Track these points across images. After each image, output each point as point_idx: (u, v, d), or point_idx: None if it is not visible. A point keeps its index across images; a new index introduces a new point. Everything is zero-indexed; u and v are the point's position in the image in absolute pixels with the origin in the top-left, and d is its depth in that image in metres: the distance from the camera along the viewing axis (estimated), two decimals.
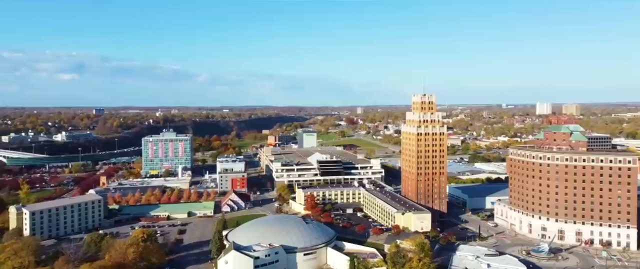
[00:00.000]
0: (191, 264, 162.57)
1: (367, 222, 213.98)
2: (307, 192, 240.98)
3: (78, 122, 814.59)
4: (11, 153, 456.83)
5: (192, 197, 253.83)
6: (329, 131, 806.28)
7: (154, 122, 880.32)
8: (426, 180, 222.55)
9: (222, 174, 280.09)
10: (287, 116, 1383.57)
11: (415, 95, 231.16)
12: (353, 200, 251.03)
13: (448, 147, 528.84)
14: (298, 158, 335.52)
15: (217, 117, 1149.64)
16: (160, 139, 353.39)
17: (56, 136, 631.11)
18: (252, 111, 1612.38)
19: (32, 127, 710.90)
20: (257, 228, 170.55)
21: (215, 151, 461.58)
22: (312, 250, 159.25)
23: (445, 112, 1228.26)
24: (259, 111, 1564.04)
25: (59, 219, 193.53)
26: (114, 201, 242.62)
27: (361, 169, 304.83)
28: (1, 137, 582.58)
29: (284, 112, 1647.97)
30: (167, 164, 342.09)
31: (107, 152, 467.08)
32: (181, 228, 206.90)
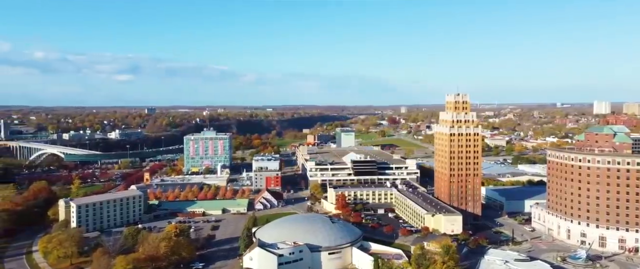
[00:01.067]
0: (221, 259, 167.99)
1: (397, 223, 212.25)
2: (338, 192, 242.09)
3: (131, 121, 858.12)
4: (69, 150, 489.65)
5: (227, 195, 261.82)
6: (370, 130, 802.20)
7: (201, 121, 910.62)
8: (459, 181, 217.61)
9: (256, 172, 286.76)
10: (329, 116, 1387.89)
11: (448, 94, 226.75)
12: (385, 200, 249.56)
13: (491, 148, 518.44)
14: (333, 157, 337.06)
15: (261, 116, 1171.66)
16: (201, 137, 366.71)
17: (110, 134, 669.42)
18: (295, 110, 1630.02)
19: (89, 126, 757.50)
20: (284, 226, 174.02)
21: (255, 149, 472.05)
22: (336, 249, 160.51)
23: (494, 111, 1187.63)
24: (301, 111, 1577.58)
25: (103, 212, 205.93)
26: (155, 196, 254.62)
27: (396, 169, 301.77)
28: (62, 135, 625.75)
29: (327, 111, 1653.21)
30: (207, 161, 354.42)
31: (153, 150, 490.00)
32: (215, 224, 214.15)
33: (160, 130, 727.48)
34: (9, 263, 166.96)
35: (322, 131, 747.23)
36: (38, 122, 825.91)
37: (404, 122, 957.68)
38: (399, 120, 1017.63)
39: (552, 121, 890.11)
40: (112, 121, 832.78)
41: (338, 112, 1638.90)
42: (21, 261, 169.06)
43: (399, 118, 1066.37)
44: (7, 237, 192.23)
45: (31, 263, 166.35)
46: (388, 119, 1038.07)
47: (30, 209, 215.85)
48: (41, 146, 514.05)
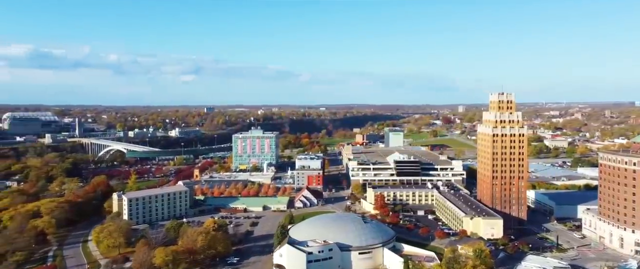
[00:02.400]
0: (256, 255, 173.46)
1: (436, 225, 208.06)
2: (377, 192, 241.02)
3: (190, 119, 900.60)
4: (131, 146, 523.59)
5: (269, 192, 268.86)
6: (422, 130, 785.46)
7: (255, 120, 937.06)
8: (503, 184, 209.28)
9: (298, 171, 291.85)
10: (383, 115, 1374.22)
11: (492, 93, 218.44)
12: (425, 202, 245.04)
13: (550, 149, 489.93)
14: (377, 157, 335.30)
15: (313, 115, 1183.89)
16: (248, 136, 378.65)
17: (171, 132, 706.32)
18: (348, 109, 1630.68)
19: (153, 124, 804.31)
20: (316, 224, 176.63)
21: (303, 148, 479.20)
22: (367, 249, 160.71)
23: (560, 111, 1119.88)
24: (354, 110, 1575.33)
25: (152, 206, 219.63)
26: (202, 192, 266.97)
27: (441, 170, 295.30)
28: (128, 133, 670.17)
29: (381, 110, 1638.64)
30: (255, 159, 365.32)
31: (206, 147, 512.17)
32: (254, 220, 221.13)
33: (217, 128, 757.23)
34: (67, 250, 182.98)
35: (372, 131, 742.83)
36: (108, 120, 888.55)
37: (459, 122, 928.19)
38: (454, 119, 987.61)
39: (626, 121, 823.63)
40: (173, 119, 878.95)
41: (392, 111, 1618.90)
42: (78, 249, 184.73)
43: (454, 118, 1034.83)
44: (68, 226, 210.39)
45: (86, 251, 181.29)
46: (442, 119, 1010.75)
47: (90, 201, 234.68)
48: (109, 143, 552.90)
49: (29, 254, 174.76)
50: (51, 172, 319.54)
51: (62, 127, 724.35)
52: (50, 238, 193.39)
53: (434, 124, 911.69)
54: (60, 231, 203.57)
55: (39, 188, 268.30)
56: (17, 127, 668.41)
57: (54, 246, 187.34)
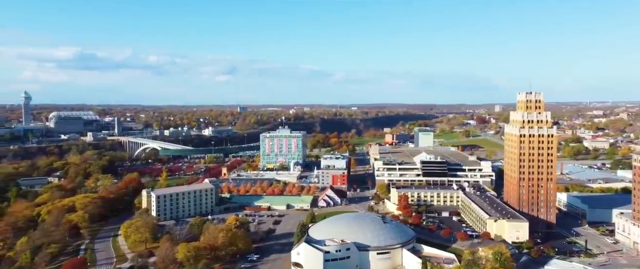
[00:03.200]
0: (276, 253, 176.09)
1: (460, 227, 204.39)
2: (401, 192, 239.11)
3: (223, 118, 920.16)
4: (165, 144, 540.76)
5: (294, 191, 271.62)
6: (454, 130, 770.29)
7: (286, 120, 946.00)
8: (530, 186, 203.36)
9: (323, 170, 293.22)
10: (416, 114, 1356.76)
11: (519, 93, 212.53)
12: (451, 203, 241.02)
13: (589, 150, 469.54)
14: (403, 157, 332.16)
15: (345, 114, 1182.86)
16: (276, 135, 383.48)
17: (204, 131, 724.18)
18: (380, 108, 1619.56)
19: (187, 123, 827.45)
20: (335, 223, 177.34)
21: (331, 147, 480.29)
22: (385, 250, 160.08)
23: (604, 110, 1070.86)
24: (387, 109, 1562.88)
25: (178, 203, 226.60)
26: (229, 190, 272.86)
27: (469, 171, 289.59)
28: (164, 131, 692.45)
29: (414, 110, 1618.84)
30: (282, 158, 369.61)
31: (236, 146, 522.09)
32: (277, 218, 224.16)
33: (248, 128, 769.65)
34: (98, 244, 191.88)
35: (403, 130, 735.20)
36: (146, 119, 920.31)
37: (494, 121, 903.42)
38: (489, 119, 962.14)
39: None
40: (207, 118, 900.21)
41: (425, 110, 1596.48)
42: (108, 243, 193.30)
43: (489, 117, 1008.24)
44: (101, 221, 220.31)
45: (115, 245, 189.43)
46: (476, 119, 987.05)
47: (122, 198, 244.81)
48: (145, 141, 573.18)
49: (63, 247, 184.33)
50: (89, 169, 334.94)
51: (103, 126, 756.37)
52: (84, 232, 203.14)
53: (468, 124, 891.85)
54: (93, 226, 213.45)
55: (76, 184, 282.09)
56: (61, 125, 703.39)
57: (87, 240, 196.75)
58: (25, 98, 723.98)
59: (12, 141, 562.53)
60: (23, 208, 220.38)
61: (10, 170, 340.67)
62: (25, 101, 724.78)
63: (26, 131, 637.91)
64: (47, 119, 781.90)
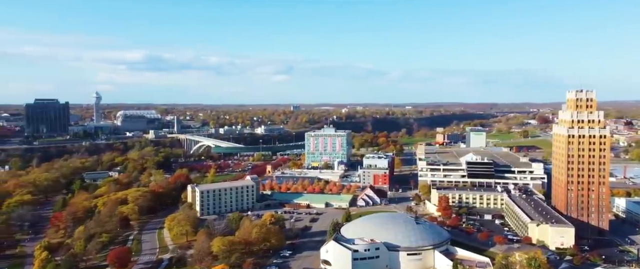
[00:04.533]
0: (309, 250, 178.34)
1: (501, 230, 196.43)
2: (441, 193, 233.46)
3: (276, 117, 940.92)
4: (218, 142, 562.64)
5: (334, 190, 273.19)
6: (512, 130, 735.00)
7: (338, 118, 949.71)
8: (579, 190, 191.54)
9: (365, 169, 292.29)
10: (473, 114, 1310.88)
11: (569, 91, 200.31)
12: (494, 206, 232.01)
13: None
14: (449, 158, 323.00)
15: (397, 114, 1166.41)
16: (320, 134, 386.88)
17: (257, 129, 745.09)
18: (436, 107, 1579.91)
19: (241, 122, 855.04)
20: (367, 223, 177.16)
21: (378, 147, 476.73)
22: (416, 251, 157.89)
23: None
24: (442, 108, 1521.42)
25: (221, 198, 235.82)
26: (271, 187, 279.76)
27: (518, 173, 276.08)
28: (219, 129, 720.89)
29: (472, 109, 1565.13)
30: (326, 157, 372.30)
31: (284, 145, 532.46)
32: (315, 216, 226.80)
33: (299, 126, 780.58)
34: (145, 235, 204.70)
35: (456, 130, 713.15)
36: (204, 118, 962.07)
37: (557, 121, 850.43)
38: (552, 119, 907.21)
39: None
40: (260, 117, 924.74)
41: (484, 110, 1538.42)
42: (154, 234, 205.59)
43: (552, 117, 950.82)
44: (150, 214, 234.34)
45: (160, 236, 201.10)
46: (538, 118, 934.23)
47: (170, 192, 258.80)
48: (200, 139, 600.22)
49: (114, 236, 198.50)
50: (145, 165, 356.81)
51: (164, 124, 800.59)
52: (133, 223, 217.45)
53: (528, 124, 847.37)
54: (143, 218, 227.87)
55: (132, 179, 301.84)
56: (127, 123, 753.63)
57: (135, 231, 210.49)
58: (96, 98, 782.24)
59: (84, 138, 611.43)
60: (83, 199, 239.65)
61: (77, 164, 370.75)
62: (96, 100, 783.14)
63: (97, 128, 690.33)
64: (115, 118, 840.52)
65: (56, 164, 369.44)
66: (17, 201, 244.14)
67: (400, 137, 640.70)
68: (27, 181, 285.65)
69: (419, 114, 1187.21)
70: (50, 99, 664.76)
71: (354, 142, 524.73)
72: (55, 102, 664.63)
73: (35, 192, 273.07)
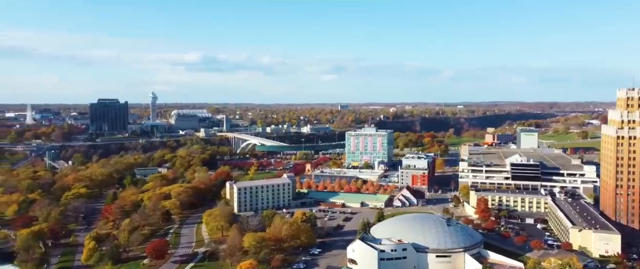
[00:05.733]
0: (339, 248, 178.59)
1: (542, 235, 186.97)
2: (480, 196, 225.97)
3: (322, 117, 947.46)
4: (263, 141, 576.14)
5: (370, 190, 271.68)
6: (570, 130, 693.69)
7: (385, 118, 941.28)
8: (630, 194, 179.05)
9: (403, 170, 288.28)
10: (530, 113, 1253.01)
11: (619, 89, 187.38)
12: (537, 209, 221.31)
13: None
14: (493, 159, 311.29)
15: (448, 113, 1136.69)
16: (361, 133, 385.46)
17: (303, 129, 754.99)
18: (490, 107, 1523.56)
19: (288, 121, 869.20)
20: (396, 223, 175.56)
21: (423, 147, 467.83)
22: (446, 253, 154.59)
23: None
24: (497, 108, 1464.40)
25: (258, 196, 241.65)
26: (308, 186, 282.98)
27: (567, 176, 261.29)
28: (266, 128, 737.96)
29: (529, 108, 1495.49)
30: (367, 157, 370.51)
31: (327, 144, 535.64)
32: (349, 215, 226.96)
33: (345, 126, 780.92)
34: (184, 229, 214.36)
35: (508, 130, 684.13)
36: (252, 117, 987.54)
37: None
38: None
39: None
40: (306, 117, 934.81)
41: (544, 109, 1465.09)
42: (193, 228, 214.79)
43: None
44: (191, 209, 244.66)
45: (198, 231, 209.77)
46: (601, 118, 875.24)
47: (211, 188, 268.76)
48: (247, 137, 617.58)
49: (156, 229, 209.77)
50: (191, 162, 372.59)
51: (215, 122, 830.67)
52: (175, 218, 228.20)
53: (589, 124, 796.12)
54: (184, 212, 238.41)
55: (177, 175, 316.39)
56: (180, 122, 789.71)
57: (176, 225, 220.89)
58: (152, 98, 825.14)
59: (141, 136, 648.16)
60: (131, 193, 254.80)
61: (131, 161, 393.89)
62: (152, 100, 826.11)
63: (152, 126, 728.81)
64: (169, 117, 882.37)
65: (112, 160, 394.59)
66: (74, 193, 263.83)
67: (447, 138, 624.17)
68: (84, 176, 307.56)
69: (470, 114, 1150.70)
70: (111, 99, 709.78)
71: (398, 142, 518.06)
72: (115, 102, 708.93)
73: (91, 186, 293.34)
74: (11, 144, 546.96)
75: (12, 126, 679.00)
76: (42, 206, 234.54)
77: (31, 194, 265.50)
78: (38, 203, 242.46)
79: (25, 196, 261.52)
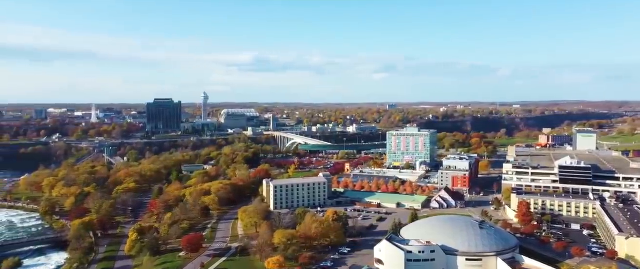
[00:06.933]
0: (369, 248, 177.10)
1: (587, 242, 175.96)
2: (521, 199, 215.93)
3: (369, 116, 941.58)
4: (308, 140, 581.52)
5: (408, 190, 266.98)
6: (637, 131, 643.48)
7: (433, 118, 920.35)
8: None
9: (444, 171, 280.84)
10: (593, 113, 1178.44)
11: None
12: (584, 215, 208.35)
13: None
14: (541, 161, 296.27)
15: (502, 113, 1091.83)
16: (403, 133, 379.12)
17: (349, 128, 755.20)
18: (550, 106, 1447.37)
19: (334, 120, 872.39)
20: (427, 225, 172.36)
21: (470, 148, 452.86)
22: (476, 256, 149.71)
23: None
24: (557, 107, 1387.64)
25: (294, 194, 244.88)
26: (346, 185, 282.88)
27: (624, 180, 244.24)
28: (312, 128, 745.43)
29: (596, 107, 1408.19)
30: (408, 157, 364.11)
31: (369, 144, 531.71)
32: (384, 216, 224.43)
33: (392, 125, 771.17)
34: (221, 224, 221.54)
35: (565, 131, 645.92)
36: (299, 116, 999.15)
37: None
38: None
39: None
40: (353, 116, 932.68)
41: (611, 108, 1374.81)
42: (229, 224, 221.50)
43: None
44: (230, 205, 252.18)
45: (234, 226, 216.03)
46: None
47: (250, 186, 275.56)
48: (292, 136, 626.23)
49: (195, 224, 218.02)
50: (235, 160, 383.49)
51: (262, 122, 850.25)
52: (213, 213, 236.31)
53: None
54: (223, 208, 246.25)
55: (220, 172, 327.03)
56: (229, 121, 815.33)
57: (214, 220, 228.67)
58: (204, 98, 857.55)
59: (193, 134, 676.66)
60: (175, 189, 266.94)
61: (179, 158, 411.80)
62: (204, 100, 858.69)
63: (203, 125, 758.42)
64: (219, 116, 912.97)
65: (162, 157, 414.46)
66: (124, 188, 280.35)
67: (497, 138, 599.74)
68: (134, 172, 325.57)
69: (527, 114, 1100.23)
70: (166, 99, 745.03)
71: (444, 143, 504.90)
72: (170, 101, 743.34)
73: (140, 181, 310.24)
74: (77, 141, 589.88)
75: (79, 124, 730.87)
76: (95, 199, 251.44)
77: (87, 188, 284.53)
78: (92, 196, 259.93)
79: (81, 190, 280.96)
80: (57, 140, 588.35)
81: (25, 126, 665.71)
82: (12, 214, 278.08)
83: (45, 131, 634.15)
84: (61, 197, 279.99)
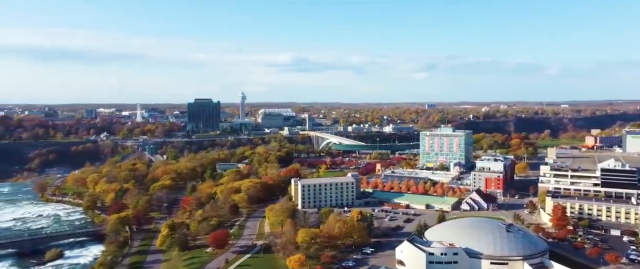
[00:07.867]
0: (393, 249, 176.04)
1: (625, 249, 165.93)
2: (557, 202, 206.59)
3: (406, 116, 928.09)
4: (342, 139, 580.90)
5: (438, 192, 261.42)
6: None
7: (474, 118, 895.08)
8: None
9: (477, 172, 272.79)
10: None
11: None
12: (625, 220, 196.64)
13: None
14: (583, 163, 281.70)
15: (548, 113, 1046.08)
16: (436, 134, 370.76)
17: (385, 128, 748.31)
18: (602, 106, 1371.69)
19: (371, 120, 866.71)
20: (451, 227, 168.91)
21: (509, 149, 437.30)
22: (501, 260, 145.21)
23: None
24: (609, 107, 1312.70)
25: (321, 193, 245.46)
26: (375, 185, 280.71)
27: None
28: (347, 127, 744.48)
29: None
30: (442, 158, 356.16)
31: (403, 144, 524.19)
32: (411, 217, 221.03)
33: (430, 126, 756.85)
34: (249, 222, 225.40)
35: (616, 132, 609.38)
36: (335, 116, 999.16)
37: None
38: None
39: None
40: (389, 116, 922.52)
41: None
42: (257, 222, 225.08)
43: None
44: (259, 203, 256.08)
45: (261, 224, 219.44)
46: None
47: (279, 184, 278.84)
48: (327, 136, 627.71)
49: (224, 221, 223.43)
50: (268, 158, 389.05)
51: (298, 121, 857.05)
52: (242, 211, 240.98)
53: None
54: (252, 206, 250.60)
55: (252, 170, 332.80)
56: (266, 121, 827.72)
57: (242, 217, 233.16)
58: (241, 98, 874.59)
59: (231, 133, 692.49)
60: (207, 186, 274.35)
61: (215, 156, 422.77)
62: (242, 100, 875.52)
63: (241, 124, 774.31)
64: (257, 115, 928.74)
65: (198, 155, 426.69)
66: (160, 185, 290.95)
67: (540, 139, 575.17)
68: (171, 169, 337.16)
69: (576, 114, 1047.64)
70: (206, 99, 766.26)
71: (482, 144, 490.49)
72: (209, 101, 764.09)
73: (177, 178, 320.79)
74: (123, 140, 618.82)
75: (125, 124, 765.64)
76: (132, 195, 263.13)
77: (126, 184, 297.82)
78: (130, 192, 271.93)
79: (121, 186, 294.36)
80: (105, 138, 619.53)
81: (76, 125, 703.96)
82: (59, 208, 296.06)
83: (95, 130, 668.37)
84: (103, 192, 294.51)
